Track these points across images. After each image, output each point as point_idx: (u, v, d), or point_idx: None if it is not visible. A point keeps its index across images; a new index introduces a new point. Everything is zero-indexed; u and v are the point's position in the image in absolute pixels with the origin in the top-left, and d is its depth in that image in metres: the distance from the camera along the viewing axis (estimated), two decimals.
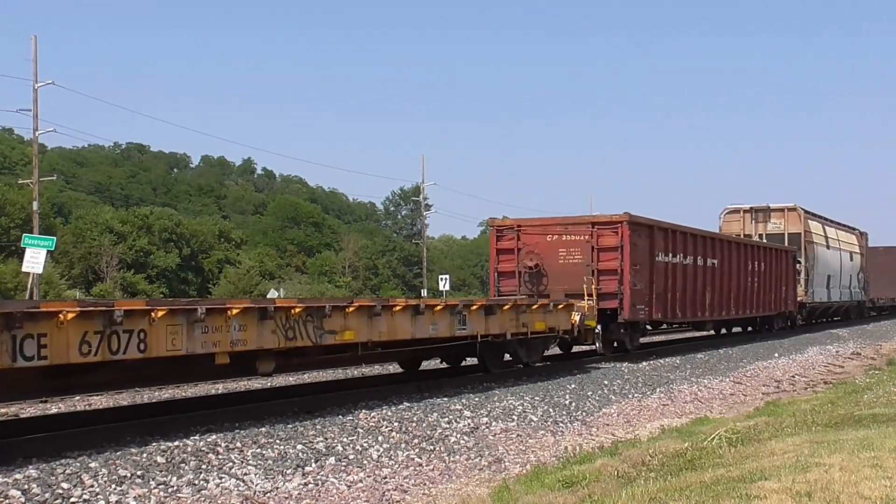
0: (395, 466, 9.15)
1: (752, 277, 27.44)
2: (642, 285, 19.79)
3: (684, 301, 22.19)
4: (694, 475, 7.70)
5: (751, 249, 27.91)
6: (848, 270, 42.00)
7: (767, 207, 35.08)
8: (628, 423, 12.69)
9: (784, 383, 18.39)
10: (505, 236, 20.49)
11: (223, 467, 8.36)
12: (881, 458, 7.68)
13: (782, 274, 30.87)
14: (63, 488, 7.28)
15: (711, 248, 24.25)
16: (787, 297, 31.58)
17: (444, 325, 13.29)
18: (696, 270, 22.96)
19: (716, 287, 24.29)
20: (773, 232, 34.45)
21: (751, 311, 27.99)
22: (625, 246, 19.19)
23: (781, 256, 31.08)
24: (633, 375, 17.16)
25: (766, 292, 29.04)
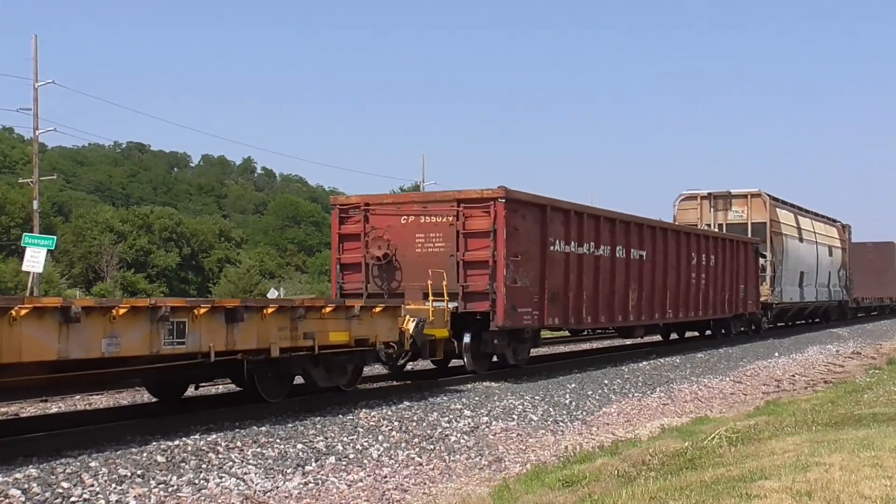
0: (396, 466, 9.15)
1: (697, 273, 23.10)
2: (528, 282, 15.53)
3: (597, 302, 17.90)
4: (694, 474, 7.70)
5: (696, 240, 23.40)
6: (826, 267, 37.93)
7: (728, 193, 30.85)
8: (628, 423, 12.69)
9: (784, 382, 18.39)
10: (350, 218, 15.97)
11: (223, 466, 8.36)
12: (881, 457, 7.68)
13: (741, 270, 26.67)
14: (63, 487, 7.28)
15: (638, 237, 19.80)
16: (748, 297, 27.43)
17: (135, 337, 8.88)
18: (616, 264, 18.65)
19: (644, 284, 19.95)
20: (734, 221, 30.37)
21: (696, 314, 23.36)
22: (499, 230, 14.78)
23: (739, 249, 26.81)
24: (633, 375, 17.17)
25: (718, 291, 24.71)
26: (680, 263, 22.00)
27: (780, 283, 31.03)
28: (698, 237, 23.75)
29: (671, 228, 22.23)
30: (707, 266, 23.75)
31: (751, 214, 30.33)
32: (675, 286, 21.80)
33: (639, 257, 19.74)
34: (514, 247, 15.11)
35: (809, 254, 35.21)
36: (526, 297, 15.49)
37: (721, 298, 25.06)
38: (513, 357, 15.97)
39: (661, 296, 20.98)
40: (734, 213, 30.53)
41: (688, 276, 22.48)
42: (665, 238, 21.38)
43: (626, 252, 19.14)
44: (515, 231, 15.17)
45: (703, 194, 31.00)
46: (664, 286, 21.11)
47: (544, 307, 16.05)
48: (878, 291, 50.69)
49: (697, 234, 24.03)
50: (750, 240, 28.36)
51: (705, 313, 24.02)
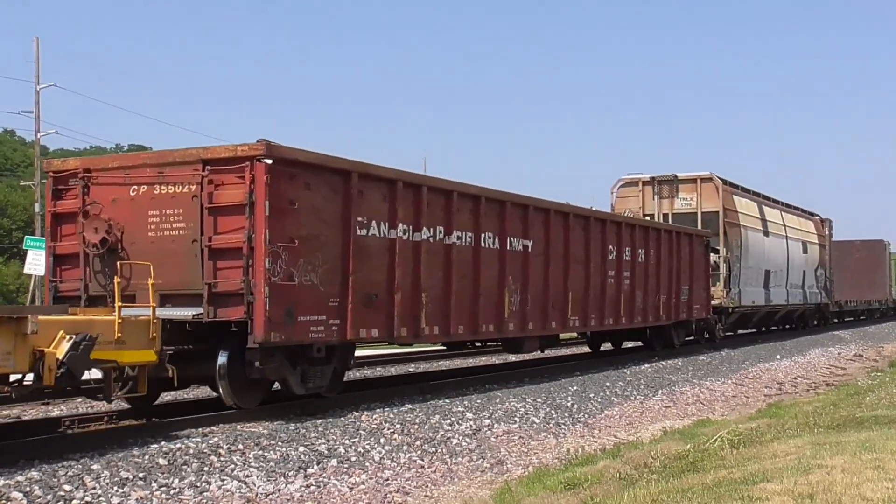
0: (397, 468, 9.15)
1: (618, 271, 18.70)
2: (317, 279, 11.14)
3: (447, 307, 13.40)
4: (696, 477, 7.70)
5: (616, 229, 18.84)
6: (800, 265, 33.59)
7: (674, 177, 26.58)
8: (630, 425, 12.69)
9: (786, 385, 18.39)
10: (69, 190, 11.84)
11: (225, 469, 8.36)
12: (883, 459, 7.68)
13: (684, 268, 22.15)
14: (65, 490, 7.28)
15: (521, 223, 15.35)
16: (694, 300, 22.77)
17: None
18: (481, 256, 14.14)
19: (532, 284, 15.48)
20: (682, 210, 26.18)
21: (617, 321, 18.73)
22: (258, 203, 10.38)
23: (682, 243, 22.19)
24: (634, 377, 17.16)
25: (650, 293, 20.22)
26: (590, 258, 17.56)
27: (738, 283, 26.69)
28: (618, 225, 19.03)
29: (574, 213, 17.23)
30: (634, 262, 19.43)
31: (701, 202, 26.10)
32: (583, 287, 17.31)
33: (522, 249, 15.28)
34: (289, 228, 10.72)
35: (777, 250, 30.98)
36: (313, 301, 11.07)
37: (655, 302, 20.58)
38: (300, 384, 11.48)
39: (560, 299, 16.51)
40: (682, 201, 26.51)
41: (602, 274, 18.04)
42: (565, 225, 16.77)
43: (501, 241, 14.67)
44: (291, 206, 10.80)
45: (646, 179, 26.80)
46: (564, 287, 16.61)
47: (350, 314, 11.51)
48: (867, 293, 47.07)
49: (617, 221, 19.28)
50: (697, 231, 23.83)
51: (631, 320, 19.31)
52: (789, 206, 34.65)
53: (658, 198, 26.58)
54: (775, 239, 30.88)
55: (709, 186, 26.29)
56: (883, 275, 49.35)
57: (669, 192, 26.59)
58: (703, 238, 23.95)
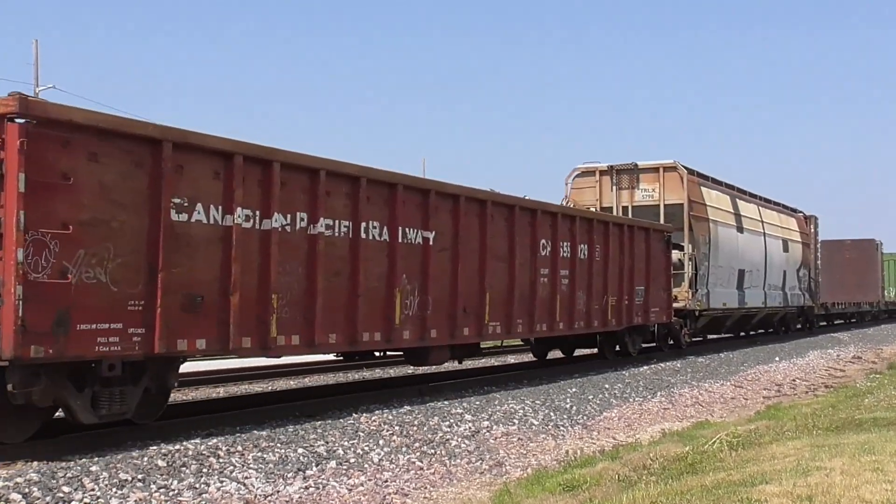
0: (396, 470, 9.16)
1: (553, 269, 16.28)
2: (109, 276, 8.79)
3: (312, 311, 11.01)
4: (695, 479, 7.70)
5: (549, 220, 16.32)
6: (780, 264, 31.20)
7: (634, 166, 24.21)
8: (629, 427, 12.69)
9: (785, 387, 18.39)
10: None
11: (224, 471, 8.37)
12: (882, 461, 7.69)
13: (639, 266, 19.81)
14: (64, 492, 7.28)
15: (418, 211, 12.92)
16: (651, 303, 20.34)
17: None
18: (361, 250, 11.78)
19: (434, 284, 13.07)
20: (643, 203, 23.88)
21: (552, 326, 16.43)
22: (8, 175, 8.13)
23: (636, 238, 19.77)
24: (633, 379, 17.17)
25: (596, 294, 17.88)
26: (515, 254, 15.08)
27: (706, 283, 24.18)
28: (554, 217, 16.51)
29: (494, 201, 14.82)
30: (574, 260, 17.05)
31: (664, 193, 23.70)
32: (506, 288, 14.93)
33: (421, 242, 12.92)
34: (61, 210, 8.41)
35: (754, 248, 28.55)
36: (102, 304, 8.69)
37: (603, 305, 18.22)
38: (89, 411, 9.04)
39: (474, 302, 14.10)
40: (643, 193, 24.05)
41: (532, 272, 15.66)
42: (481, 215, 14.31)
43: (391, 232, 12.37)
44: (64, 182, 8.45)
45: (603, 168, 24.42)
46: (480, 287, 14.22)
47: (159, 320, 9.14)
48: (857, 295, 44.63)
49: (552, 211, 16.64)
50: (655, 225, 21.20)
51: (571, 325, 17.04)
52: (769, 202, 32.24)
53: (617, 189, 24.21)
54: (751, 236, 28.43)
55: (672, 176, 23.79)
56: (874, 276, 47.53)
57: (629, 183, 24.19)
58: (663, 233, 21.37)
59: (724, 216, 26.17)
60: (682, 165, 23.91)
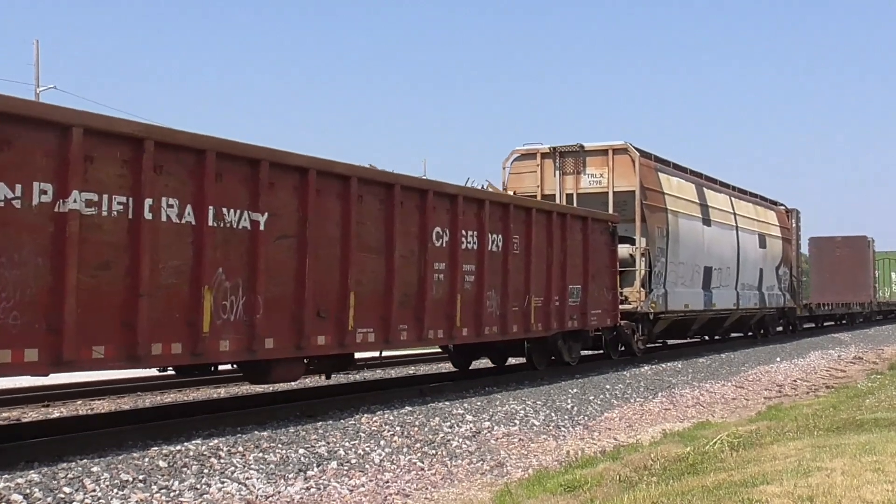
0: (397, 471, 9.16)
1: (452, 264, 13.49)
2: None
3: (61, 316, 8.30)
4: (696, 479, 7.70)
5: (445, 205, 13.48)
6: (755, 261, 28.42)
7: (580, 148, 21.25)
8: (630, 428, 12.69)
9: (786, 387, 18.39)
10: None
11: (225, 471, 8.37)
12: (883, 462, 7.69)
13: (574, 261, 17.00)
14: (65, 492, 7.29)
15: (242, 188, 10.19)
16: (591, 304, 17.58)
17: None
18: (142, 235, 9.04)
19: (264, 280, 10.30)
20: (590, 189, 21.09)
21: (453, 332, 13.64)
22: None
23: (570, 229, 16.94)
24: (635, 380, 17.17)
25: (510, 295, 14.91)
26: (394, 245, 12.30)
27: (663, 282, 21.34)
28: (453, 200, 13.59)
29: (363, 178, 11.90)
30: (482, 253, 14.18)
31: (613, 179, 20.89)
32: (383, 285, 12.18)
33: (248, 226, 10.12)
34: None
35: (724, 243, 25.70)
36: None
37: (524, 307, 15.48)
38: None
39: (334, 302, 11.35)
40: (590, 178, 21.24)
41: (421, 267, 12.90)
42: (344, 196, 11.55)
43: (197, 213, 9.62)
44: None
45: (545, 150, 21.57)
46: (343, 284, 11.49)
47: None
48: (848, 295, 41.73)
49: (451, 193, 13.61)
50: (596, 214, 18.28)
51: (478, 330, 14.19)
52: (743, 192, 29.43)
53: (561, 174, 21.34)
54: (720, 229, 25.46)
55: (623, 159, 20.93)
56: (866, 275, 45.01)
57: (574, 167, 21.34)
58: (608, 223, 18.61)
59: (686, 206, 23.25)
60: (635, 147, 21.05)
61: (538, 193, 21.15)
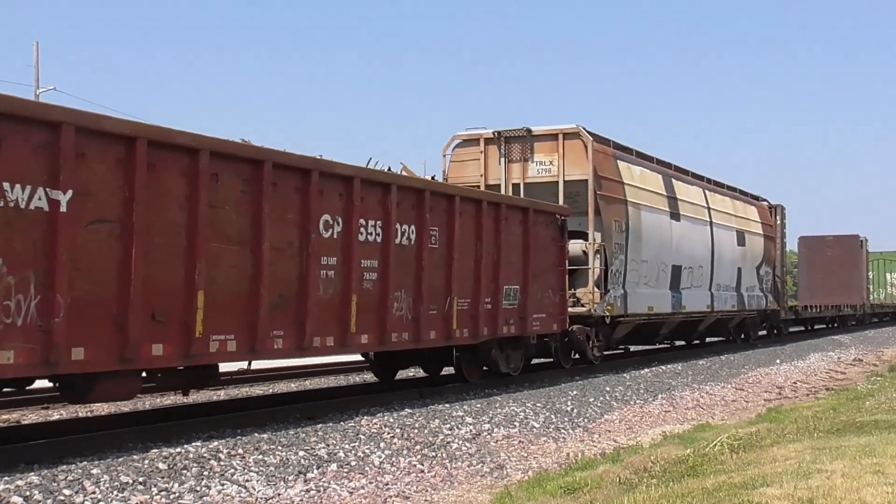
0: (397, 473, 9.16)
1: (345, 259, 11.41)
2: None
3: None
4: (696, 481, 7.70)
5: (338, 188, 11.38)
6: (732, 260, 26.31)
7: (527, 133, 19.17)
8: (630, 430, 12.69)
9: (786, 389, 18.39)
10: None
11: (225, 474, 8.37)
12: (883, 464, 7.69)
13: (510, 258, 14.80)
14: (65, 494, 7.28)
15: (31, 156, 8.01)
16: (531, 307, 15.35)
17: None
18: None
19: (68, 276, 8.23)
20: (538, 179, 18.99)
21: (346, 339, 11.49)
22: None
23: (506, 221, 14.71)
24: (634, 382, 17.17)
25: (425, 297, 12.73)
26: (263, 234, 10.16)
27: (622, 282, 19.34)
28: (348, 182, 11.44)
29: (212, 151, 9.67)
30: (387, 247, 12.07)
31: (563, 167, 18.77)
32: (248, 283, 10.07)
33: (42, 207, 8.14)
34: None
35: (695, 239, 23.48)
36: None
37: (445, 310, 13.29)
38: None
39: (174, 302, 9.32)
40: (538, 166, 19.12)
41: (302, 261, 10.80)
42: (190, 173, 9.49)
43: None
44: None
45: (489, 135, 19.47)
46: (189, 281, 9.44)
47: None
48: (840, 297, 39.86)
49: (345, 175, 11.44)
50: (539, 205, 16.09)
51: (381, 337, 12.02)
52: (720, 185, 27.25)
53: (506, 161, 19.28)
54: (692, 224, 23.24)
55: (574, 145, 18.78)
56: (858, 276, 43.01)
57: (521, 154, 19.24)
58: (555, 216, 16.44)
59: (650, 198, 21.07)
60: (588, 131, 18.90)
61: (482, 183, 19.13)
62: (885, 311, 49.41)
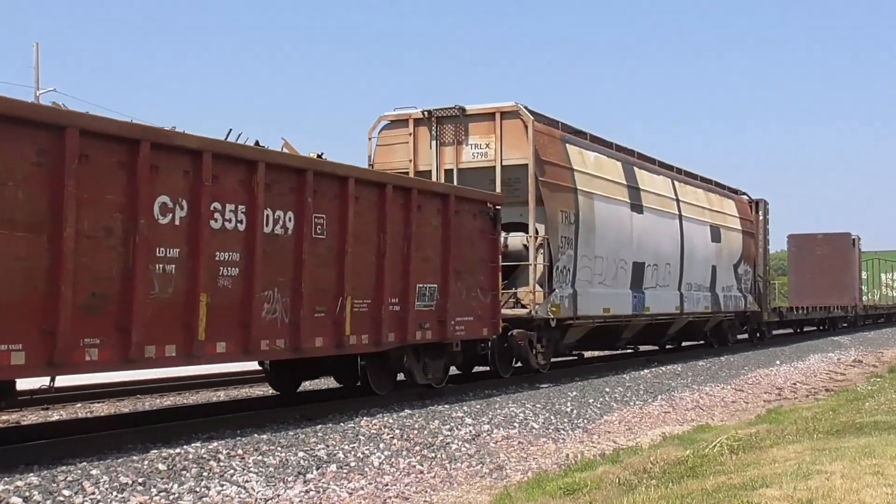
0: (397, 474, 9.16)
1: (192, 252, 9.48)
2: None
3: None
4: (695, 482, 7.70)
5: (184, 164, 9.45)
6: (705, 258, 24.14)
7: (460, 112, 17.11)
8: (630, 431, 12.69)
9: (786, 391, 18.39)
10: None
11: (224, 474, 8.37)
12: (883, 465, 7.69)
13: (424, 252, 12.92)
14: (64, 495, 7.29)
15: None
16: (452, 309, 13.40)
17: None
18: None
19: None
20: (475, 163, 17.04)
21: (192, 349, 9.48)
22: None
23: (419, 209, 12.83)
24: (634, 382, 17.17)
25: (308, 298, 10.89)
26: (60, 219, 8.30)
27: (571, 280, 17.31)
28: (195, 157, 9.60)
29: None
30: (254, 235, 10.23)
31: (501, 150, 16.79)
32: (42, 279, 8.21)
33: None
34: None
35: (661, 234, 21.36)
36: None
37: (336, 312, 11.39)
38: None
39: None
40: (473, 150, 17.08)
41: (127, 252, 8.91)
42: None
43: None
44: None
45: (418, 115, 17.42)
46: None
47: None
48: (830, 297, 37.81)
49: (188, 147, 9.57)
50: (460, 191, 14.09)
51: (243, 345, 10.15)
52: (692, 176, 24.96)
53: (438, 144, 17.25)
54: (657, 217, 21.20)
55: (513, 126, 16.79)
56: (850, 276, 41.02)
57: (455, 136, 17.21)
58: (485, 205, 14.47)
59: (607, 188, 19.08)
60: (529, 110, 16.88)
61: (411, 169, 17.23)
62: (879, 312, 47.53)
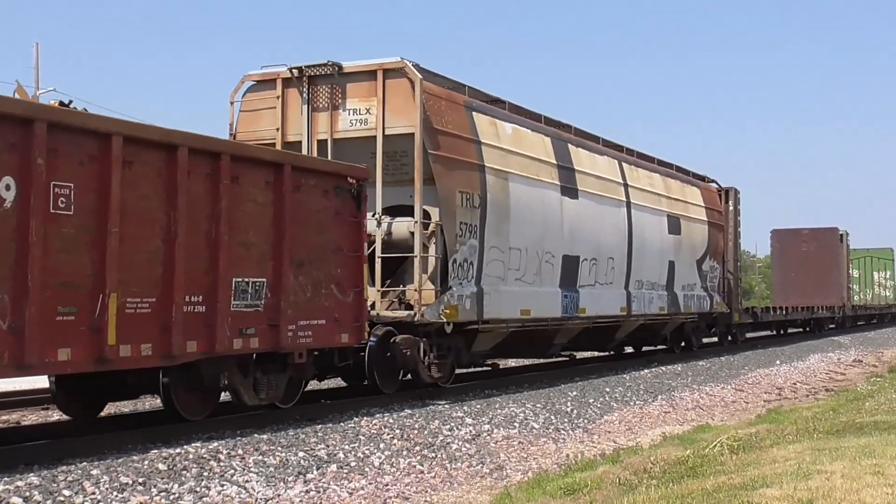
0: (397, 473, 9.16)
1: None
2: None
3: None
4: (695, 482, 7.70)
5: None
6: (661, 252, 21.09)
7: (336, 69, 13.96)
8: (630, 431, 12.69)
9: (786, 390, 18.39)
10: None
11: (225, 474, 8.37)
12: (883, 465, 7.69)
13: (240, 236, 10.08)
14: (65, 495, 7.29)
15: None
16: (292, 311, 10.75)
17: None
18: None
19: None
20: (351, 133, 13.91)
21: None
22: None
23: (236, 180, 9.98)
24: (634, 382, 17.17)
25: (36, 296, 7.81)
26: None
27: (477, 276, 14.34)
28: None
29: None
30: None
31: (384, 116, 13.70)
32: None
33: None
34: None
35: (602, 223, 18.27)
36: None
37: (95, 317, 8.50)
38: None
39: None
40: (351, 115, 13.96)
41: None
42: None
43: None
44: None
45: (285, 73, 14.32)
46: None
47: None
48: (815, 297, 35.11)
49: None
50: (297, 161, 11.28)
51: None
52: (647, 158, 21.82)
53: (310, 110, 14.17)
54: (596, 204, 18.07)
55: (399, 87, 13.66)
56: (837, 274, 38.39)
57: (331, 100, 14.07)
58: (343, 180, 11.75)
59: (528, 166, 15.87)
60: (419, 67, 13.75)
61: (278, 140, 14.24)
62: (870, 312, 45.06)
